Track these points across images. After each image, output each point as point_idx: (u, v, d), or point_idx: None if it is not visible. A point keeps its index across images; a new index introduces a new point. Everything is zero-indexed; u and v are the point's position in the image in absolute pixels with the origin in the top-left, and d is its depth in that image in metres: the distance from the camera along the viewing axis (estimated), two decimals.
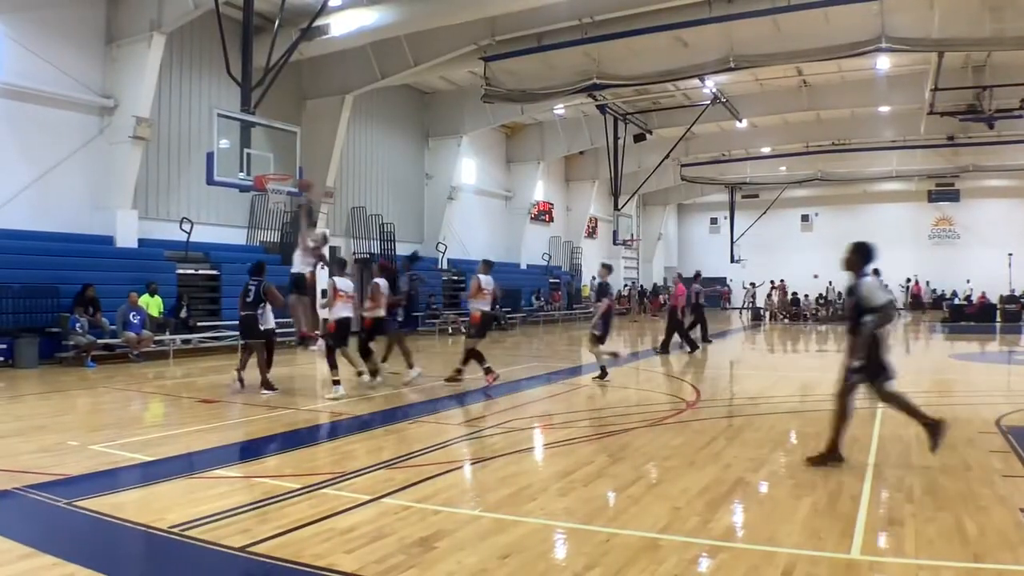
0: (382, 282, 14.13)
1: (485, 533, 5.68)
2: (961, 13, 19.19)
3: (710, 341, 23.72)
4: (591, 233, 47.74)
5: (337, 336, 12.94)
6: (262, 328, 13.29)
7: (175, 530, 5.65)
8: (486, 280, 14.26)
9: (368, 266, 27.46)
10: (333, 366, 12.67)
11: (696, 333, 22.39)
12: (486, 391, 13.31)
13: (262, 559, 5.13)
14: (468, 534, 5.66)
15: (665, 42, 22.20)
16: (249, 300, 13.15)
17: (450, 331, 28.88)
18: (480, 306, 14.16)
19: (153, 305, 19.13)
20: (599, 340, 15.04)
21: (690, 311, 23.17)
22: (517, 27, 23.20)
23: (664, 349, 20.89)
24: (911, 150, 38.15)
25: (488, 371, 13.83)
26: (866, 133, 37.10)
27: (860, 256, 7.61)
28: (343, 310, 12.88)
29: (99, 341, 17.46)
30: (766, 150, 41.26)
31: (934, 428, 7.68)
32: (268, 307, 13.48)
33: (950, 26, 19.26)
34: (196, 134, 22.44)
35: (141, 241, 20.63)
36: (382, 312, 14.14)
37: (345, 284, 13.07)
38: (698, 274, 25.50)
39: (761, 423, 10.37)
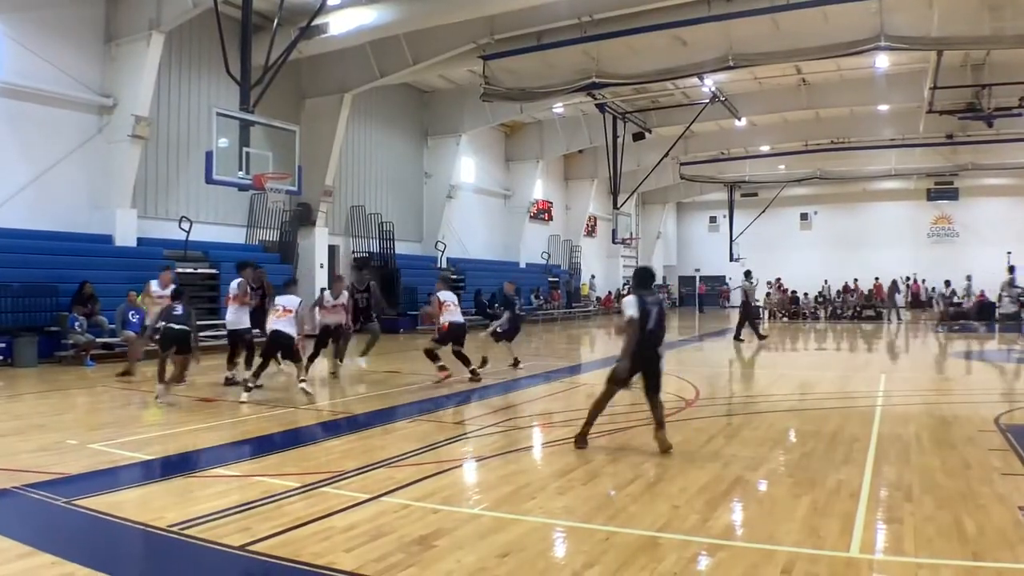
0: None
1: (484, 532, 5.68)
2: (960, 12, 19.17)
3: (764, 336, 23.99)
4: (590, 232, 47.75)
5: (267, 349, 12.58)
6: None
7: (174, 529, 5.65)
8: (447, 296, 14.57)
9: (367, 265, 27.55)
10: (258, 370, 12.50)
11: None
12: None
13: (261, 558, 5.13)
14: (467, 533, 5.66)
15: (664, 41, 22.17)
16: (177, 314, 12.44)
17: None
18: (449, 318, 14.32)
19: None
20: (499, 337, 16.87)
21: (740, 308, 23.50)
22: (516, 26, 23.19)
23: None
24: (910, 148, 38.07)
25: (443, 368, 14.18)
26: (865, 131, 37.06)
27: (636, 279, 8.97)
28: (278, 324, 12.34)
29: (98, 340, 17.46)
30: (765, 148, 41.20)
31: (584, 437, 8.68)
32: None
33: (949, 24, 19.25)
34: (195, 133, 22.45)
35: (140, 240, 20.64)
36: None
37: (286, 300, 12.61)
38: (748, 272, 25.40)
39: (760, 421, 10.39)
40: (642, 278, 8.89)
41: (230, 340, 13.98)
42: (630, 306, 8.46)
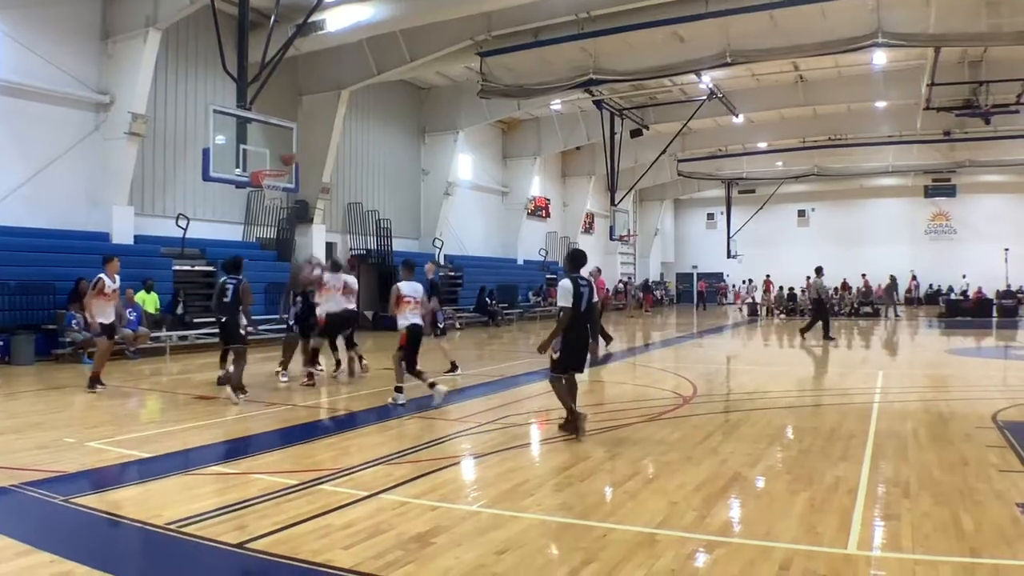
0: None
1: (483, 528, 5.68)
2: (957, 8, 19.21)
3: (832, 339, 23.03)
4: (588, 229, 47.74)
5: (409, 347, 11.36)
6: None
7: (172, 527, 5.64)
8: (409, 287, 11.63)
9: (364, 262, 27.58)
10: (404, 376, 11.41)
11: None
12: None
13: (259, 555, 5.12)
14: (466, 529, 5.66)
15: (661, 37, 22.22)
16: (227, 300, 12.06)
17: (453, 327, 28.85)
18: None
19: (149, 302, 19.13)
20: (443, 333, 15.59)
21: (812, 307, 22.99)
22: (513, 22, 23.18)
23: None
24: (907, 145, 38.14)
25: (310, 376, 13.54)
26: (862, 128, 37.14)
27: (569, 261, 9.19)
28: (414, 318, 11.35)
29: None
30: (762, 145, 41.28)
31: (573, 423, 8.93)
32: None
33: (946, 21, 19.28)
34: (192, 130, 22.43)
35: (137, 238, 20.61)
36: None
37: (412, 289, 11.40)
38: (819, 269, 24.46)
39: (758, 418, 10.38)
40: (575, 259, 9.15)
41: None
42: (566, 292, 8.75)
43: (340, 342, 14.58)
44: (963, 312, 36.42)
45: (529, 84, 24.64)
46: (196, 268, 21.61)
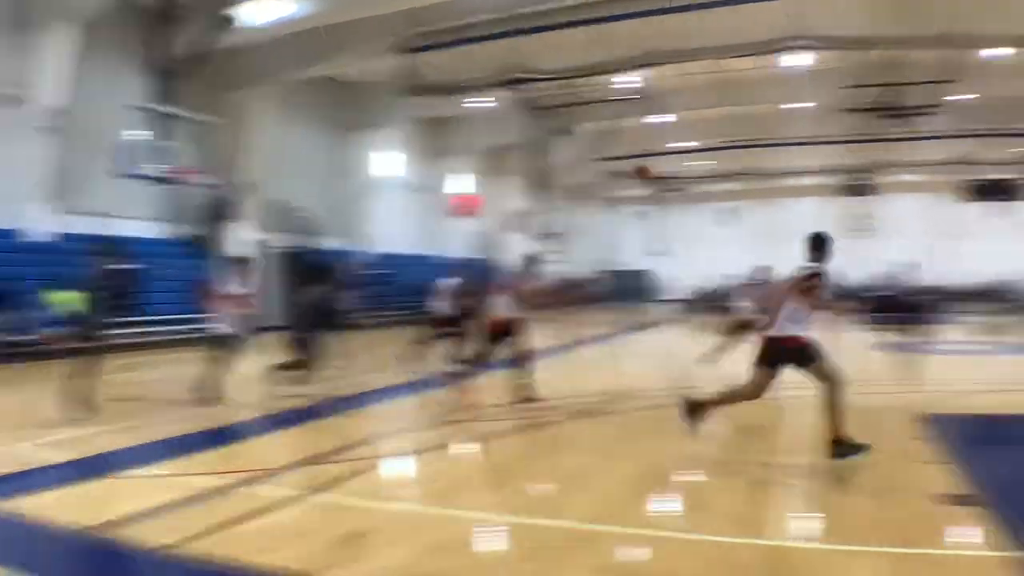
0: None
1: (416, 527, 5.65)
2: (878, 12, 19.69)
3: None
4: (515, 227, 47.74)
5: None
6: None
7: (100, 530, 5.50)
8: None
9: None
10: None
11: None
12: None
13: (190, 557, 5.02)
14: (398, 529, 5.63)
15: (586, 37, 22.38)
16: None
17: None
18: None
19: (71, 302, 18.61)
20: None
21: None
22: (438, 20, 23.12)
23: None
24: (829, 145, 38.93)
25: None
26: (786, 128, 37.82)
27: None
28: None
29: (13, 339, 16.93)
30: (688, 144, 41.77)
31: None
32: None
33: (865, 25, 19.75)
34: (113, 126, 21.86)
35: (59, 236, 20.01)
36: None
37: None
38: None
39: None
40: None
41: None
42: None
43: None
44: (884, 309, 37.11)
45: (454, 82, 24.65)
46: (120, 267, 21.07)
